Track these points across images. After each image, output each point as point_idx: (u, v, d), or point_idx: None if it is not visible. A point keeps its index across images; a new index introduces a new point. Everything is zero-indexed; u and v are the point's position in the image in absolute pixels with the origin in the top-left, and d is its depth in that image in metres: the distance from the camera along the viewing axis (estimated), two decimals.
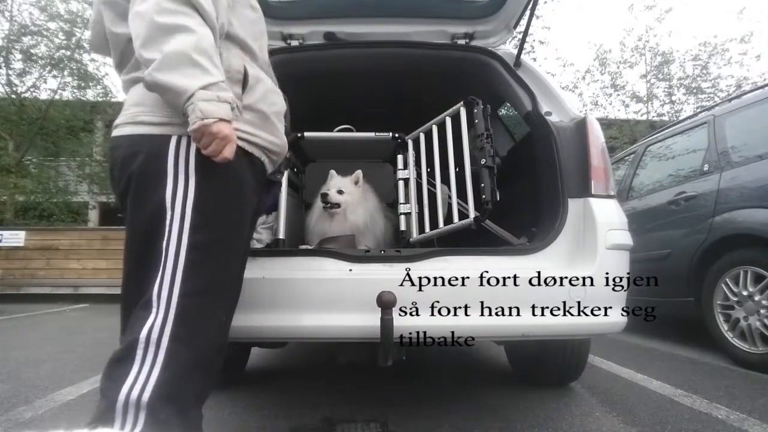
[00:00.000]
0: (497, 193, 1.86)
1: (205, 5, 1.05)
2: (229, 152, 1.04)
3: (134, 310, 1.06)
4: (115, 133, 1.17)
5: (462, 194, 2.02)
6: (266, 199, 1.53)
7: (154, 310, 1.03)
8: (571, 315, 1.54)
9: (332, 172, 2.35)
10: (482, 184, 1.86)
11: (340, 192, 2.23)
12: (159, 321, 1.02)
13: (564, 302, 1.53)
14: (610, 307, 1.59)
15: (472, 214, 1.95)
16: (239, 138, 1.15)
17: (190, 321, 1.05)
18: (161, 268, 1.05)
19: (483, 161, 1.89)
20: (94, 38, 1.30)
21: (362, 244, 2.25)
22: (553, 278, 1.56)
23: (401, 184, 2.31)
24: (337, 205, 2.21)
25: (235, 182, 1.16)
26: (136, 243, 1.12)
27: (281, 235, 2.02)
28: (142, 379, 0.99)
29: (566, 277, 1.55)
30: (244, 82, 1.18)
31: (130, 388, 0.98)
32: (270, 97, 1.28)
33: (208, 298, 1.10)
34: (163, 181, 1.08)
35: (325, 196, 2.20)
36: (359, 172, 2.33)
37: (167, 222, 1.07)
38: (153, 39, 1.00)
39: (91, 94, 11.71)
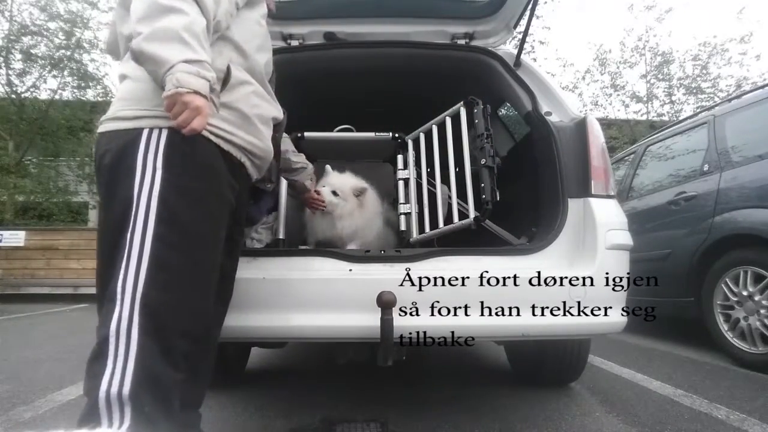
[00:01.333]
0: (497, 193, 1.86)
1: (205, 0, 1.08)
2: (198, 124, 1.03)
3: (103, 305, 1.07)
4: (100, 129, 1.18)
5: (462, 194, 2.02)
6: (255, 210, 1.51)
7: (118, 303, 1.03)
8: (571, 315, 1.53)
9: (327, 167, 2.18)
10: (482, 184, 1.86)
11: (334, 193, 2.03)
12: (126, 313, 1.02)
13: (564, 302, 1.53)
14: (610, 307, 1.59)
15: (472, 214, 1.95)
16: (215, 134, 1.16)
17: (156, 313, 1.04)
18: (125, 260, 1.05)
19: (483, 161, 1.89)
20: (109, 43, 1.34)
21: (361, 244, 2.22)
22: (553, 278, 1.56)
23: (401, 184, 2.31)
24: (330, 209, 2.02)
25: (207, 176, 1.16)
26: (105, 237, 1.13)
27: (281, 235, 2.02)
28: (119, 373, 1.00)
29: (566, 277, 1.55)
30: (225, 80, 1.18)
31: (108, 383, 0.99)
32: (252, 99, 1.27)
33: (176, 291, 1.09)
34: (132, 175, 1.08)
35: (317, 194, 2.00)
36: (366, 187, 2.11)
37: (132, 214, 1.07)
38: (148, 16, 1.02)
39: (91, 94, 11.72)
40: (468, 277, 1.54)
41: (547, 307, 1.53)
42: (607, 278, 1.58)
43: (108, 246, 1.10)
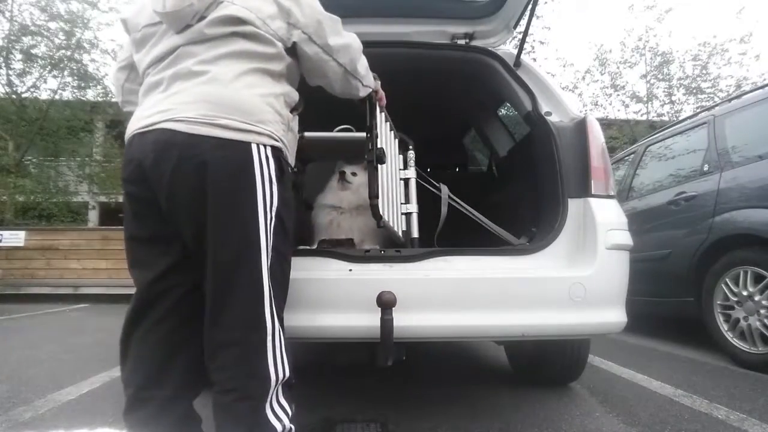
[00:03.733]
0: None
1: None
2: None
3: (245, 334, 1.12)
4: (191, 130, 1.12)
5: (463, 194, 2.02)
6: None
7: (269, 323, 1.13)
8: (571, 315, 1.54)
9: (340, 162, 2.42)
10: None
11: (353, 174, 2.35)
12: (277, 328, 1.16)
13: (564, 302, 1.53)
14: (610, 307, 1.59)
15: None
16: (284, 151, 1.26)
17: (280, 319, 1.21)
18: (265, 291, 1.13)
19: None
20: (124, 97, 1.46)
21: (369, 221, 2.27)
22: (553, 278, 1.56)
23: (401, 184, 2.30)
24: (350, 182, 2.34)
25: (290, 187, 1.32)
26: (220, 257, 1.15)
27: None
28: (280, 370, 1.14)
29: (566, 277, 1.55)
30: (296, 107, 1.37)
31: (275, 377, 1.13)
32: (295, 124, 1.44)
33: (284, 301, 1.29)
34: (254, 189, 1.13)
35: (342, 174, 2.31)
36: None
37: (261, 236, 1.13)
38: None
39: (91, 94, 11.71)
40: (468, 277, 1.54)
41: (547, 307, 1.53)
42: (607, 278, 1.58)
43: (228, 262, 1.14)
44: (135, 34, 1.29)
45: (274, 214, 1.15)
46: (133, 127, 1.19)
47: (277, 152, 1.19)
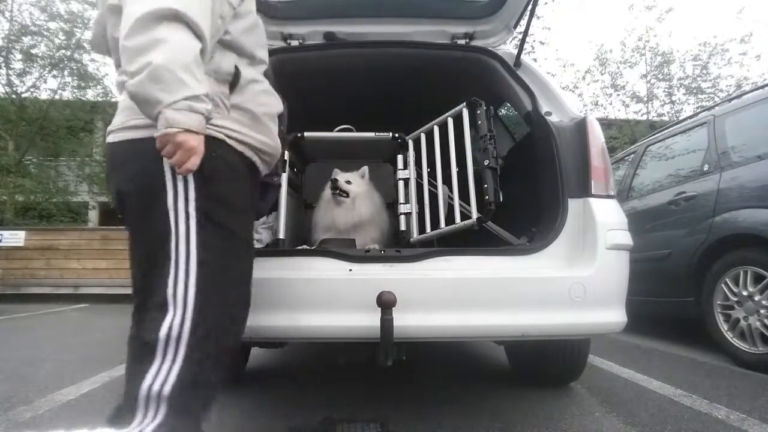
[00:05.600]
0: (500, 194, 1.86)
1: (194, 17, 1.02)
2: (192, 164, 1.03)
3: (148, 311, 1.10)
4: (110, 139, 1.18)
5: (464, 195, 2.02)
6: (263, 202, 1.53)
7: (170, 310, 1.06)
8: (571, 315, 1.54)
9: (336, 170, 2.39)
10: (485, 185, 1.87)
11: (348, 182, 2.30)
12: (177, 320, 1.06)
13: (564, 302, 1.53)
14: (610, 307, 1.59)
15: (474, 215, 1.95)
16: (228, 136, 1.17)
17: (207, 318, 1.09)
18: (173, 269, 1.08)
19: (486, 162, 1.89)
20: (94, 37, 1.30)
21: (368, 236, 2.27)
22: (553, 278, 1.56)
23: (401, 184, 2.31)
24: (346, 194, 2.28)
25: (233, 178, 1.18)
26: (145, 249, 1.15)
27: (281, 235, 2.02)
28: (164, 373, 1.04)
29: (566, 277, 1.55)
30: (234, 82, 1.20)
31: (152, 381, 1.03)
32: (261, 98, 1.29)
33: (222, 298, 1.14)
34: (163, 184, 1.09)
35: (335, 182, 2.26)
36: (365, 168, 2.41)
37: (172, 224, 1.09)
38: (137, 51, 0.98)
39: (91, 94, 11.73)
40: (468, 277, 1.54)
41: (547, 307, 1.53)
42: (607, 278, 1.58)
43: (149, 256, 1.13)
44: None
45: (192, 210, 1.10)
46: None
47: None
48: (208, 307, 1.09)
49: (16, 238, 8.31)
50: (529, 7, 2.25)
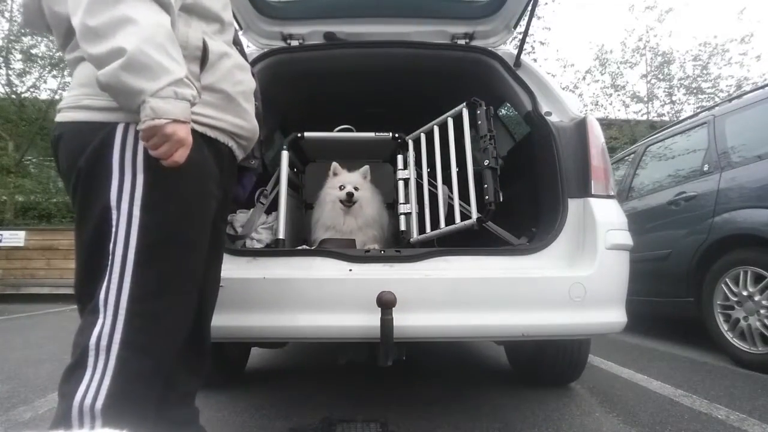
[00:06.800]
0: (500, 194, 1.86)
1: None
2: (180, 156, 0.94)
3: (84, 314, 1.02)
4: (59, 118, 1.05)
5: (464, 195, 2.02)
6: (239, 189, 1.42)
7: (101, 316, 0.98)
8: (571, 315, 1.54)
9: (335, 164, 2.38)
10: (485, 185, 1.87)
11: (356, 189, 2.31)
12: (107, 328, 0.97)
13: (564, 302, 1.53)
14: (610, 307, 1.59)
15: (474, 215, 1.95)
16: (200, 123, 1.05)
17: (141, 326, 0.99)
18: (108, 272, 0.98)
19: (486, 162, 1.89)
20: (27, 13, 1.13)
21: (368, 236, 2.27)
22: (553, 278, 1.56)
23: (401, 184, 2.31)
24: (356, 201, 2.31)
25: (194, 176, 1.05)
26: (84, 246, 1.04)
27: (281, 235, 2.02)
28: (94, 386, 0.96)
29: (566, 277, 1.55)
30: (204, 58, 1.06)
31: (83, 395, 0.95)
32: (235, 75, 1.14)
33: (161, 301, 1.03)
34: (109, 179, 0.99)
35: (350, 195, 2.26)
36: (367, 168, 2.41)
37: (113, 223, 0.99)
38: (98, 33, 0.87)
39: None
40: (468, 277, 1.54)
41: (547, 307, 1.53)
42: (607, 278, 1.58)
43: (88, 255, 1.03)
44: None
45: (136, 210, 0.99)
46: None
47: None
48: (143, 317, 0.99)
49: (16, 238, 8.31)
50: (529, 7, 2.25)
